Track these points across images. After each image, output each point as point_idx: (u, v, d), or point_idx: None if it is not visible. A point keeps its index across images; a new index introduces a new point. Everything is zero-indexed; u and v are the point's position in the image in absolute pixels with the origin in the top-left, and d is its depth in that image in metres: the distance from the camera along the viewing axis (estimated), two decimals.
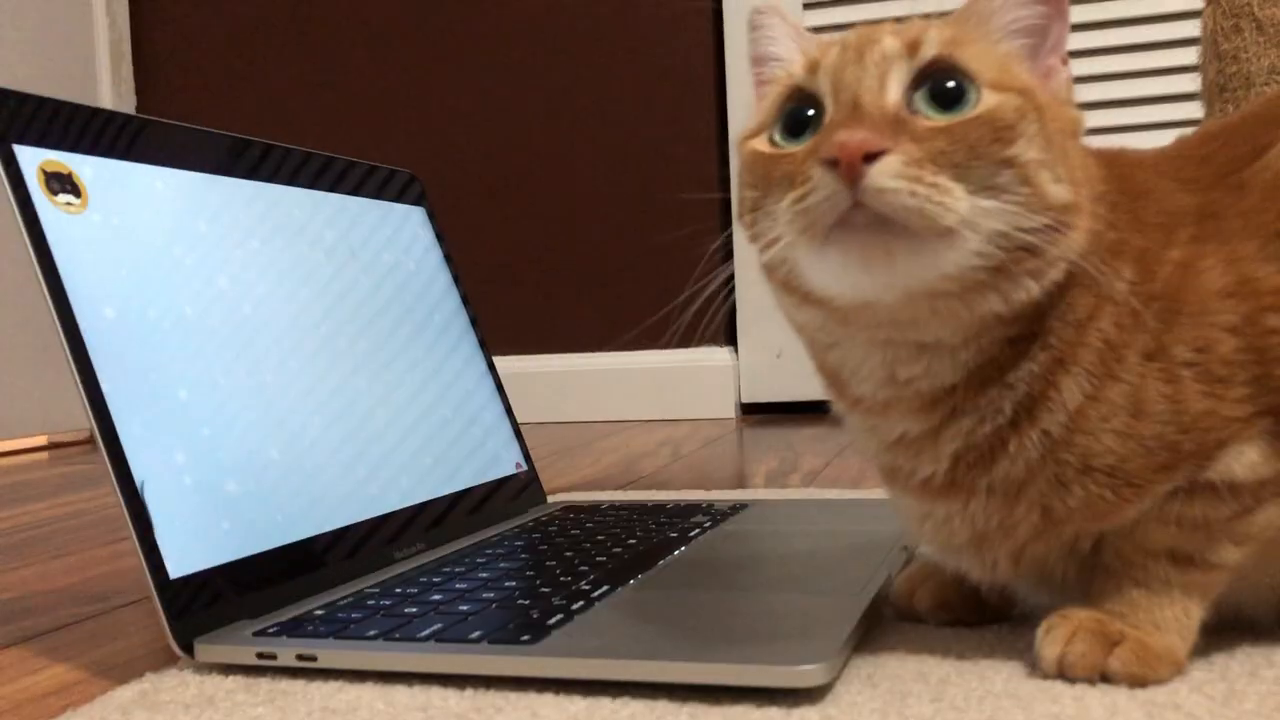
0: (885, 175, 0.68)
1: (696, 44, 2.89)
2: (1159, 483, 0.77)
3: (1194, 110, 1.70)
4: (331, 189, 1.24)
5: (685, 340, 1.01)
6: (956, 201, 0.69)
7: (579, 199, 2.97)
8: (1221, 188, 0.80)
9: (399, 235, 1.32)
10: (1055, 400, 0.77)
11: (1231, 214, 0.78)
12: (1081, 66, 2.60)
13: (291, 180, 1.19)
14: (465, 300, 1.39)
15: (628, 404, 2.89)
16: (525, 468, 1.40)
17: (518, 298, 3.01)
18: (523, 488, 1.38)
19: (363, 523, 1.11)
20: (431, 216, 1.40)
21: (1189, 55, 1.76)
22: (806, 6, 2.78)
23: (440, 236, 1.40)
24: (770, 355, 2.73)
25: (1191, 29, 1.71)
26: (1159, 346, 0.75)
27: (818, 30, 2.75)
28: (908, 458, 0.82)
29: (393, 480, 1.17)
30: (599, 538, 1.19)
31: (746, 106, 2.79)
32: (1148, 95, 2.57)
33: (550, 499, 1.45)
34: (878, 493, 0.89)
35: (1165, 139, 0.88)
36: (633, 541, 1.16)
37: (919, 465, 0.82)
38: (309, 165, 1.22)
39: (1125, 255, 0.77)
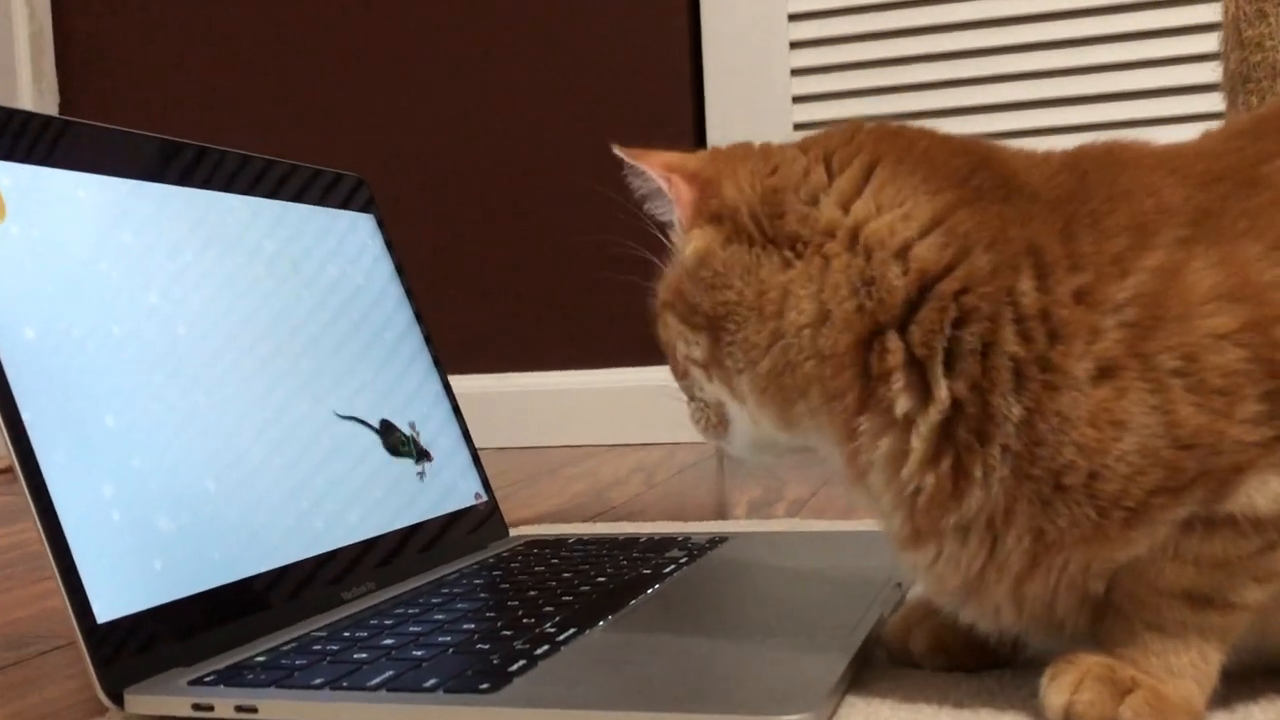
0: None
1: (672, 41, 2.90)
2: (1161, 507, 0.77)
3: (1215, 102, 1.71)
4: (272, 195, 1.25)
5: (660, 357, 1.01)
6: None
7: (543, 204, 2.97)
8: (1229, 184, 0.81)
9: (345, 245, 1.33)
10: (997, 412, 0.79)
11: (1235, 213, 0.79)
12: (1089, 55, 2.62)
13: (228, 186, 1.19)
14: (418, 315, 1.40)
15: (596, 427, 2.90)
16: (485, 498, 1.40)
17: (476, 312, 3.01)
18: (482, 520, 1.38)
19: (307, 560, 1.11)
20: (381, 224, 1.41)
21: (1209, 42, 1.77)
22: (792, 18, 2.79)
23: (390, 245, 1.40)
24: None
25: (1211, 13, 1.72)
26: (1135, 355, 0.76)
27: (804, 45, 2.77)
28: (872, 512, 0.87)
29: (340, 514, 1.17)
30: (565, 575, 1.19)
31: (726, 111, 2.80)
32: (1163, 87, 2.59)
33: (512, 532, 1.46)
34: (869, 524, 0.90)
35: (1180, 134, 0.90)
36: (602, 579, 1.17)
37: (885, 518, 0.86)
38: (247, 169, 1.22)
39: (1038, 267, 0.79)
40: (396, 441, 1.29)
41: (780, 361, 0.85)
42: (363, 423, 1.25)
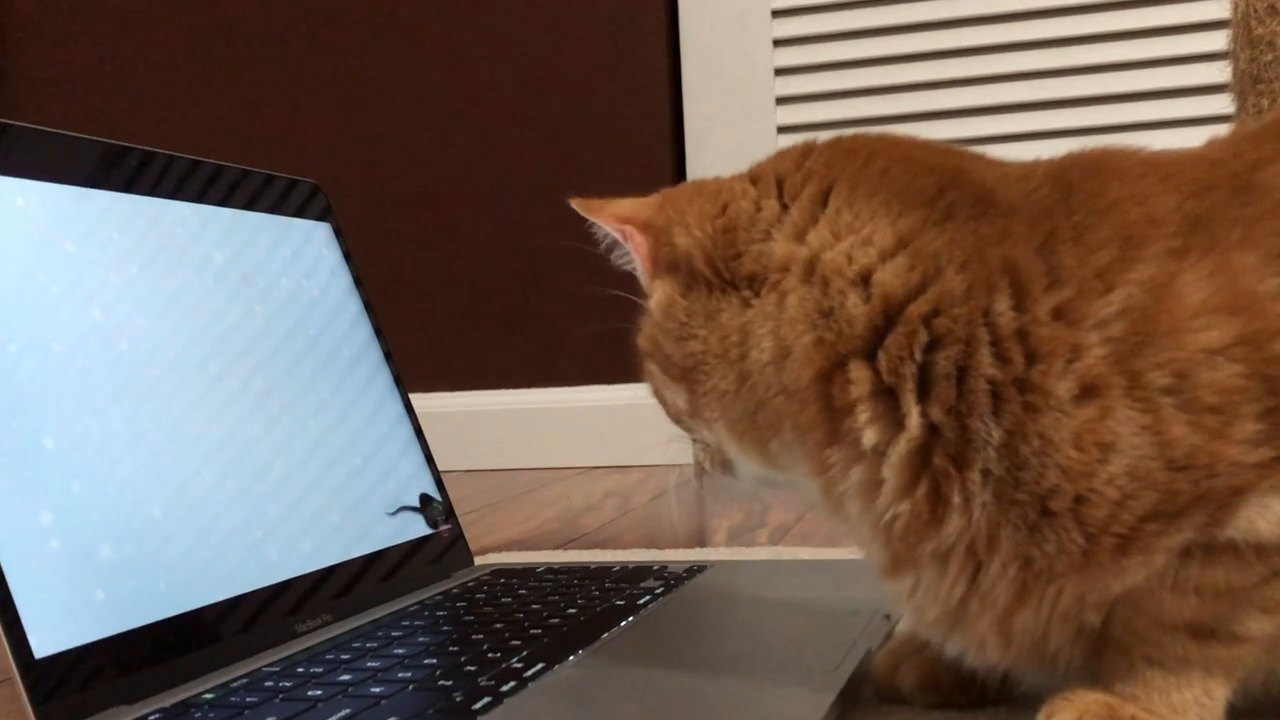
0: None
1: (648, 40, 2.91)
2: (1156, 534, 0.77)
3: (1223, 105, 1.71)
4: (223, 202, 1.25)
5: (635, 374, 1.01)
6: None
7: (513, 211, 2.97)
8: (1223, 191, 0.81)
9: (301, 255, 1.33)
10: (976, 436, 0.79)
11: (1229, 221, 0.79)
12: (1088, 54, 2.63)
13: (176, 193, 1.19)
14: (378, 331, 1.40)
15: (568, 449, 2.90)
16: (448, 525, 1.40)
17: (439, 326, 3.01)
18: (445, 549, 1.39)
19: (260, 591, 1.11)
20: (338, 233, 1.41)
21: (1217, 40, 1.78)
22: (775, 14, 2.80)
23: (348, 256, 1.41)
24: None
25: (1219, 9, 1.73)
26: (1121, 372, 0.77)
27: (788, 42, 2.78)
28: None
29: (294, 542, 1.17)
30: (534, 606, 1.19)
31: (706, 113, 2.81)
32: (1167, 88, 2.60)
33: (478, 561, 1.46)
34: (855, 552, 0.91)
35: (1185, 139, 0.90)
36: (573, 611, 1.17)
37: (865, 547, 0.88)
38: (196, 175, 1.22)
39: (1016, 285, 0.80)
40: (435, 515, 1.32)
41: (750, 402, 0.87)
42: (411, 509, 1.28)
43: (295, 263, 1.32)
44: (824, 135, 0.93)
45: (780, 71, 2.80)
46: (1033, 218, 0.82)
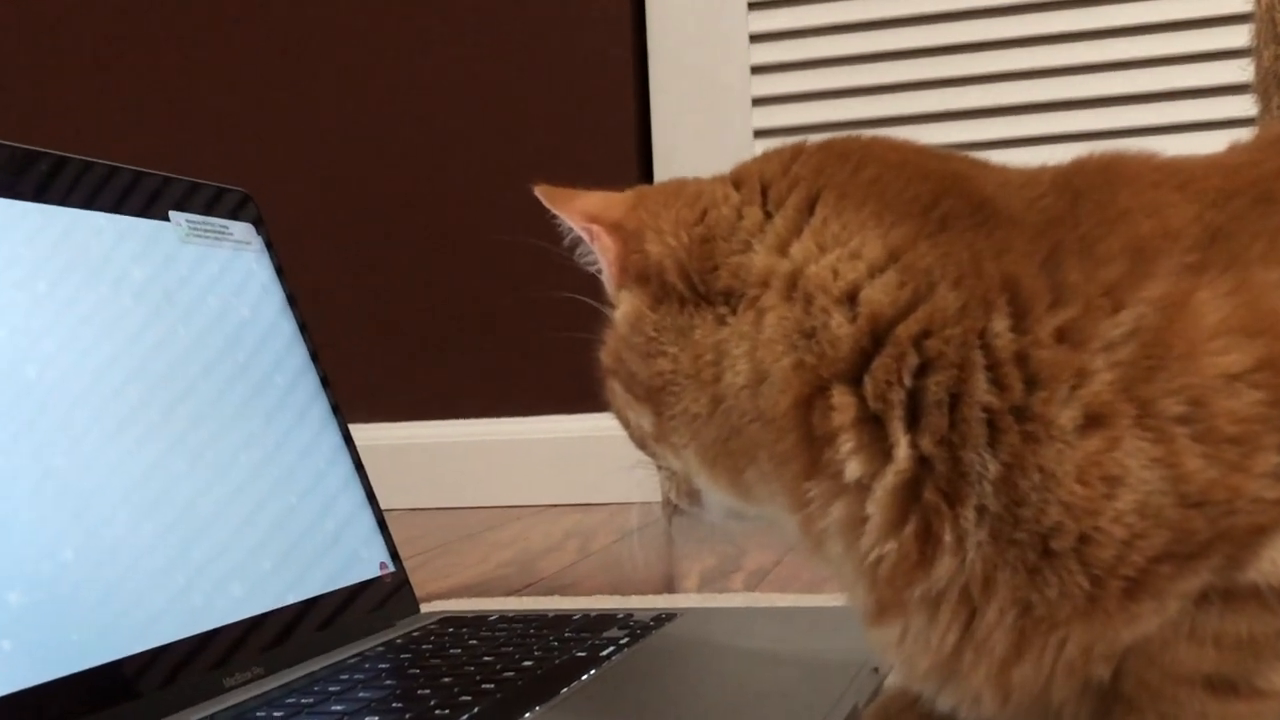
0: None
1: (611, 34, 2.91)
2: (1169, 577, 0.77)
3: (1245, 106, 1.71)
4: (143, 213, 1.25)
5: (600, 403, 1.00)
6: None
7: (461, 222, 2.97)
8: (1245, 200, 0.81)
9: (229, 271, 1.33)
10: (970, 469, 0.80)
11: (1251, 233, 0.79)
12: (1097, 51, 2.64)
13: (90, 202, 1.19)
14: (314, 355, 1.40)
15: (524, 485, 2.90)
16: (392, 569, 1.40)
17: (382, 350, 3.01)
18: (389, 594, 1.39)
19: (184, 641, 1.11)
20: (270, 247, 1.41)
21: (1239, 36, 1.78)
22: (751, 7, 2.80)
23: (282, 272, 1.41)
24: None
25: (1242, 1, 1.74)
26: (1131, 400, 0.77)
27: (763, 38, 2.78)
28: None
29: (222, 587, 1.17)
30: (486, 658, 1.19)
31: (675, 115, 2.81)
32: (1183, 88, 2.61)
33: (425, 608, 1.46)
34: (839, 598, 0.91)
35: (1203, 144, 0.90)
36: (529, 663, 1.17)
37: (848, 591, 0.87)
38: (113, 183, 1.22)
39: (1015, 303, 0.80)
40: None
41: (724, 429, 0.87)
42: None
43: (223, 279, 1.32)
44: (814, 138, 0.93)
45: (757, 69, 2.80)
46: (1036, 229, 0.82)
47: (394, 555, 1.41)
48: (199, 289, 1.28)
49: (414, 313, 3.00)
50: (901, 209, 0.84)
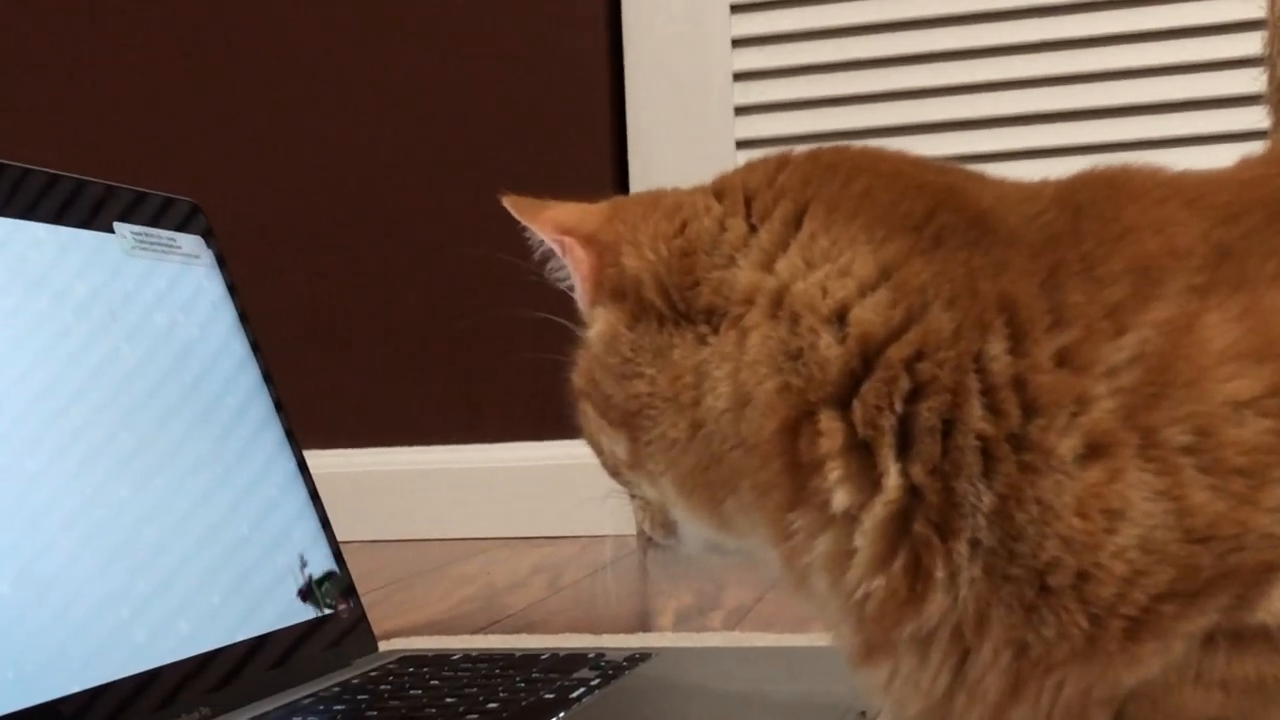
0: None
1: (584, 37, 2.91)
2: (1173, 617, 0.77)
3: (1256, 118, 1.72)
4: (86, 224, 1.24)
5: (570, 429, 1.00)
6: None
7: (428, 238, 2.97)
8: (1257, 217, 0.81)
9: (177, 287, 1.33)
10: (963, 501, 0.79)
11: (1263, 253, 0.79)
12: (1100, 59, 2.65)
13: (29, 212, 1.19)
14: (268, 376, 1.40)
15: (490, 516, 2.90)
16: (349, 605, 1.40)
17: (339, 371, 3.01)
18: (345, 632, 1.38)
19: (126, 680, 1.10)
20: (221, 261, 1.40)
21: (1249, 44, 1.79)
22: (734, 9, 2.81)
23: (233, 289, 1.40)
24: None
25: (1253, 8, 1.74)
26: (1134, 428, 0.77)
27: (746, 42, 2.78)
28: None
29: (167, 623, 1.17)
30: (448, 700, 1.19)
31: (652, 131, 2.81)
32: (1189, 98, 2.62)
33: (383, 646, 1.45)
34: (825, 637, 0.91)
35: (1212, 158, 0.90)
36: (494, 705, 1.17)
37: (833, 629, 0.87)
38: (54, 191, 1.22)
39: (1013, 325, 0.80)
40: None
41: (704, 456, 0.87)
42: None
43: (170, 295, 1.31)
44: (800, 148, 0.93)
45: (740, 76, 2.81)
46: (1035, 247, 0.82)
47: (350, 590, 1.41)
48: (145, 305, 1.28)
49: (373, 331, 3.00)
50: (894, 224, 0.84)
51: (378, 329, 3.00)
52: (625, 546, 1.04)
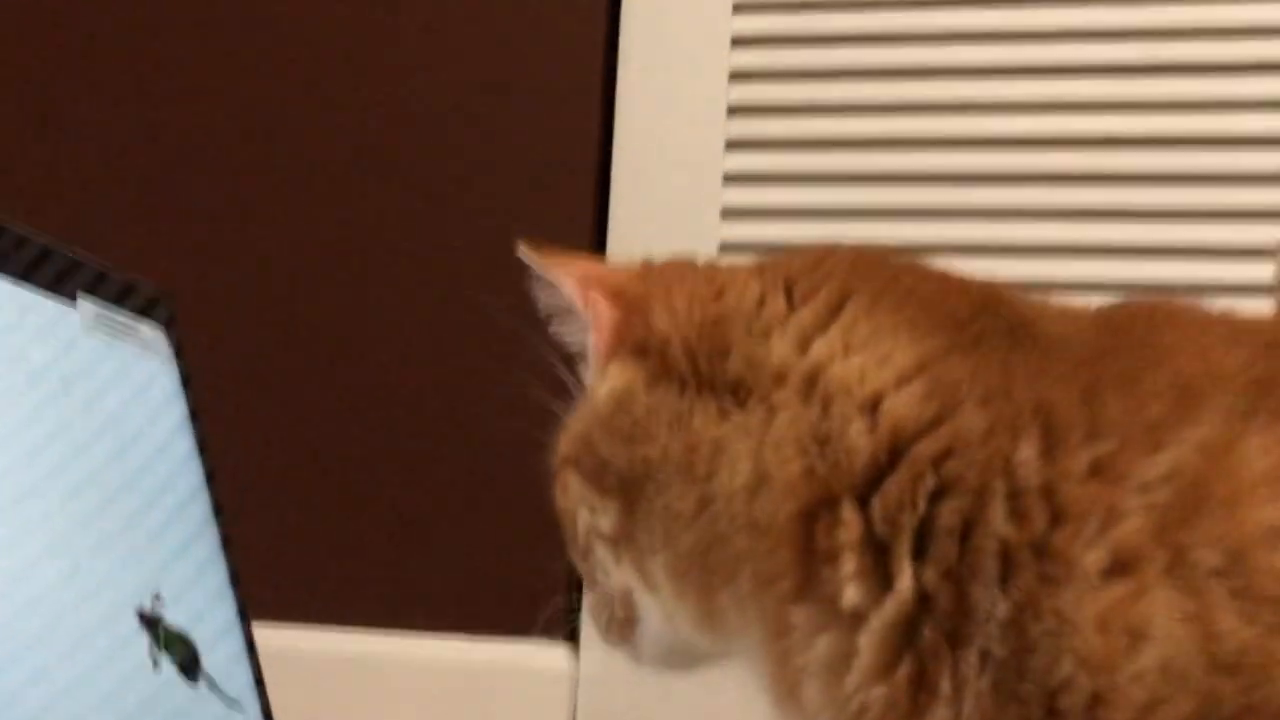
0: None
1: (578, 114, 2.93)
2: None
3: None
4: (48, 289, 1.24)
5: (510, 625, 0.99)
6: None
7: (358, 383, 2.96)
8: None
9: (131, 373, 1.32)
10: (977, 608, 0.79)
11: None
12: (1138, 197, 2.66)
13: None
14: (210, 477, 1.39)
15: (413, 712, 2.87)
16: None
17: (292, 529, 2.98)
18: None
19: None
20: (179, 352, 1.40)
21: None
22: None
23: (188, 382, 1.40)
24: (622, 661, 2.68)
25: None
26: (1164, 545, 0.77)
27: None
28: None
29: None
30: None
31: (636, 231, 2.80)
32: (1223, 245, 2.61)
33: None
34: None
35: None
36: None
37: None
38: (22, 252, 1.22)
39: (1048, 430, 0.81)
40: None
41: (707, 535, 0.87)
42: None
43: (123, 379, 1.31)
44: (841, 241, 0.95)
45: (730, 179, 2.75)
46: (1076, 359, 0.83)
47: None
48: (98, 384, 1.27)
49: (302, 493, 2.98)
50: (937, 320, 0.85)
51: (306, 489, 2.97)
52: None
